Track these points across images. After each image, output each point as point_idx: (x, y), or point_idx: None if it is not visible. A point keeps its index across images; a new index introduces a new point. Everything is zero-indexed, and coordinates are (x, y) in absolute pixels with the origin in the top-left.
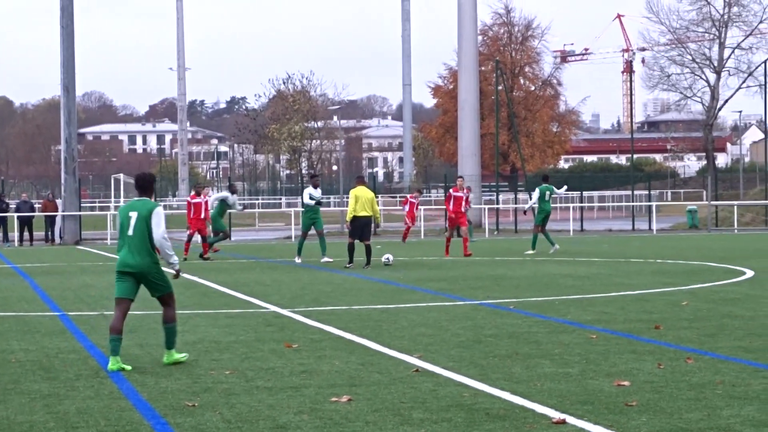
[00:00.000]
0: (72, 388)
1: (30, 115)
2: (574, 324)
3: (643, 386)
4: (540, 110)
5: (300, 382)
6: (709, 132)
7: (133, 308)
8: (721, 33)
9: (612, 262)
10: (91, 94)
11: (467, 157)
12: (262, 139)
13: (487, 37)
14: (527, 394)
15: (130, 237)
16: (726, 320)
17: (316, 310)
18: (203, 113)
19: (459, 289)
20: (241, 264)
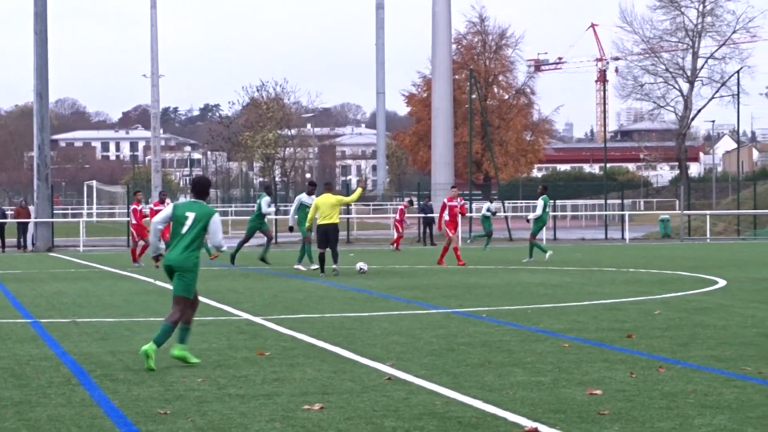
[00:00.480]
0: (44, 396)
1: (2, 122)
2: (546, 333)
3: (616, 395)
4: (513, 119)
5: (272, 389)
6: (682, 141)
7: (105, 316)
8: (694, 43)
9: (585, 271)
10: (65, 101)
11: (441, 165)
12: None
13: (461, 46)
14: (499, 402)
15: (182, 235)
16: (698, 329)
17: (288, 317)
18: (177, 120)
19: (432, 297)
20: (214, 271)
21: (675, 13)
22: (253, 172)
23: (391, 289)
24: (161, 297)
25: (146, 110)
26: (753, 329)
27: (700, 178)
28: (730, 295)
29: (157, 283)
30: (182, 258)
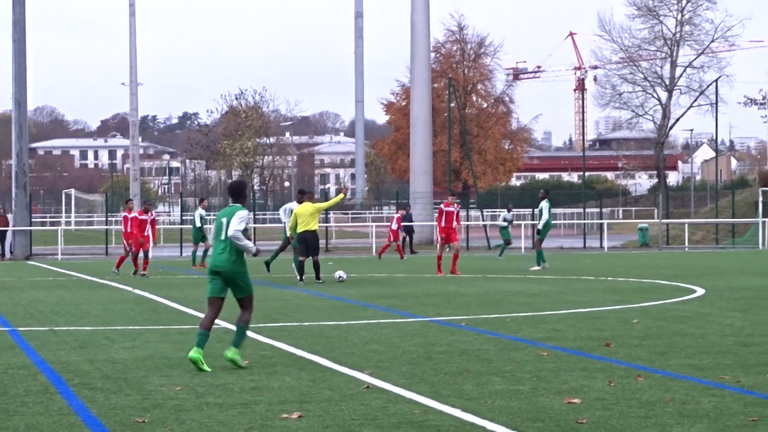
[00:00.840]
0: (21, 404)
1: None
2: (525, 341)
3: (594, 404)
4: (492, 127)
5: (250, 398)
6: (661, 150)
7: (83, 324)
8: (672, 52)
9: (563, 280)
10: (43, 109)
11: (419, 174)
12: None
13: (440, 54)
14: (478, 411)
15: (222, 240)
16: (676, 338)
17: (266, 326)
18: (155, 129)
19: (410, 306)
20: (192, 280)
21: (653, 21)
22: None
23: (369, 298)
24: (138, 306)
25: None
26: (731, 338)
27: (678, 186)
28: (708, 303)
29: (135, 292)
30: (231, 266)
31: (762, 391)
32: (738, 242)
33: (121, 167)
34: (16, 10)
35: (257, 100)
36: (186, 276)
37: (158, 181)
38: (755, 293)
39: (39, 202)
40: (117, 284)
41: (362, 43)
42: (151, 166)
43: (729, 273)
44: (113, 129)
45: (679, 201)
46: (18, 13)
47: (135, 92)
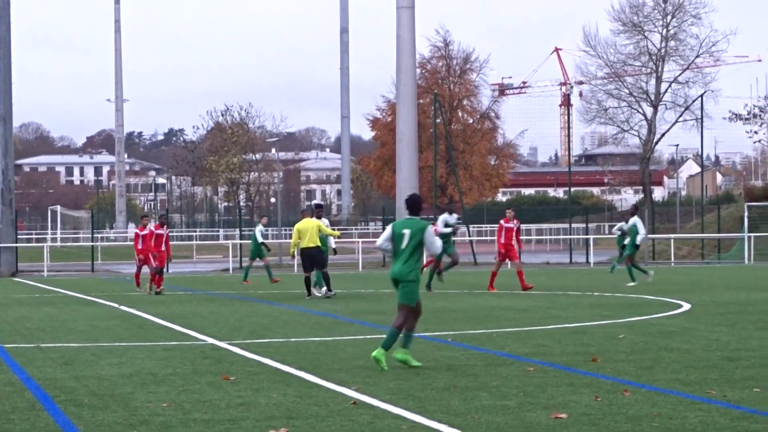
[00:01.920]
0: (7, 421)
1: None
2: (511, 356)
3: (581, 419)
4: (478, 143)
5: (237, 414)
6: (646, 165)
7: (69, 341)
8: (658, 67)
9: (550, 295)
10: (29, 125)
11: (405, 189)
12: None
13: (426, 70)
14: (465, 426)
15: (402, 250)
16: (663, 353)
17: (253, 342)
18: (141, 145)
19: None
20: (179, 296)
21: (638, 37)
22: (217, 197)
23: (356, 314)
24: (125, 322)
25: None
26: (717, 353)
27: (664, 202)
28: (694, 318)
29: (122, 308)
30: (404, 270)
31: (748, 406)
32: (724, 257)
33: (107, 184)
34: (1, 27)
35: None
36: (171, 292)
37: (144, 198)
38: (741, 308)
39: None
40: (103, 301)
41: (348, 59)
42: (137, 182)
43: (715, 288)
44: (99, 145)
45: (664, 216)
46: (3, 30)
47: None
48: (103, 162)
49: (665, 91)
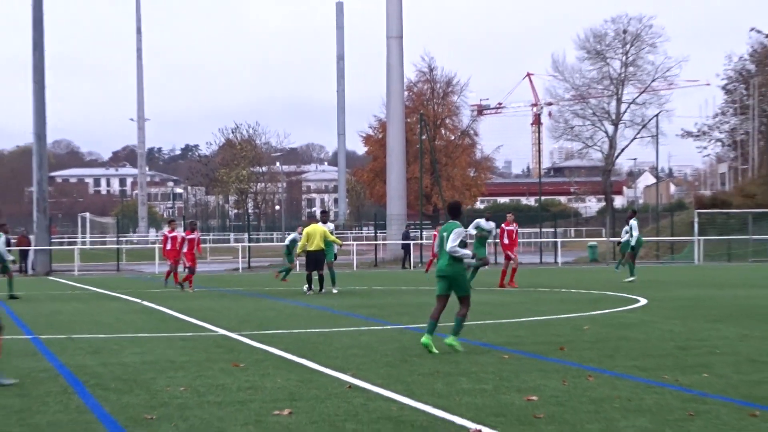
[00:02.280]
0: (43, 404)
1: (5, 160)
2: (488, 346)
3: (550, 400)
4: (459, 157)
5: (246, 397)
6: (608, 177)
7: (97, 332)
8: (618, 90)
9: (522, 292)
10: (61, 142)
11: (395, 198)
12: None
13: (413, 93)
14: (448, 407)
15: (445, 250)
16: (622, 342)
17: (260, 333)
18: (160, 159)
19: (387, 315)
20: (194, 293)
21: (601, 63)
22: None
23: (351, 308)
24: (146, 316)
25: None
26: (671, 342)
27: (623, 209)
28: (650, 312)
29: (144, 304)
30: (453, 271)
31: (698, 389)
32: (676, 258)
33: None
34: (35, 55)
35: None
36: (187, 290)
37: (163, 206)
38: (692, 303)
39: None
40: (127, 297)
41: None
42: (157, 192)
43: (669, 285)
44: (123, 159)
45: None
46: (37, 58)
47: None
48: (127, 174)
49: (624, 111)
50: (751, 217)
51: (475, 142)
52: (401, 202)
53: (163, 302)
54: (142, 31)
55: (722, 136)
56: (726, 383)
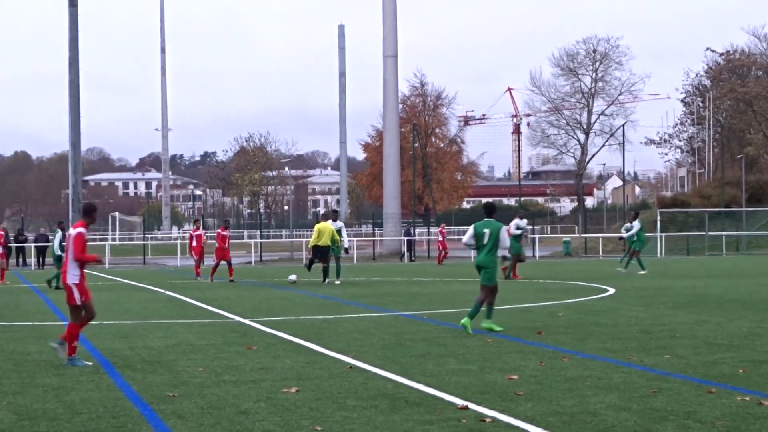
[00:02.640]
0: (77, 382)
1: (44, 166)
2: (474, 330)
3: (529, 379)
4: (447, 162)
5: (258, 376)
6: (580, 180)
7: (125, 319)
8: (589, 102)
9: (504, 282)
10: (93, 149)
11: (390, 199)
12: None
13: (406, 105)
14: (437, 385)
15: (483, 244)
16: (593, 327)
17: (271, 319)
18: (182, 165)
19: (384, 303)
20: (212, 283)
21: (573, 79)
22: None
23: (352, 297)
24: (169, 304)
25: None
26: (636, 327)
27: (594, 208)
28: (618, 300)
29: (167, 293)
30: (486, 260)
31: (661, 369)
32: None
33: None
34: (71, 72)
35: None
36: (205, 281)
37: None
38: (655, 292)
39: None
40: (152, 287)
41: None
42: (179, 194)
43: (634, 276)
44: (149, 165)
45: (594, 220)
46: (73, 74)
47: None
48: (152, 178)
49: (595, 122)
50: (707, 215)
51: (462, 149)
52: (396, 202)
53: (184, 292)
54: (166, 50)
55: (681, 144)
56: (686, 363)
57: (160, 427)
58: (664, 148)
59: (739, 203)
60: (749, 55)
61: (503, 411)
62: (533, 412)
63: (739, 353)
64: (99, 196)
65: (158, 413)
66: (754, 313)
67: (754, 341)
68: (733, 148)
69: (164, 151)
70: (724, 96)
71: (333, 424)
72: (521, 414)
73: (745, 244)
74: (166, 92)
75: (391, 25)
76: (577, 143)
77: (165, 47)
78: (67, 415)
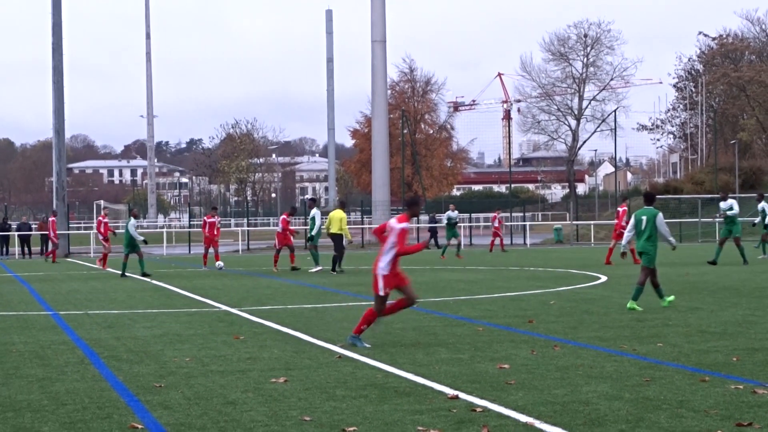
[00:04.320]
0: (62, 373)
1: (28, 154)
2: (464, 319)
3: (520, 368)
4: (437, 149)
5: (246, 366)
6: (571, 166)
7: (111, 308)
8: (580, 88)
9: (494, 270)
10: (78, 136)
11: (379, 186)
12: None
13: (395, 91)
14: (428, 375)
15: (642, 230)
16: (585, 316)
17: (258, 308)
18: (168, 152)
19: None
20: (198, 272)
21: (564, 64)
22: (229, 193)
23: (340, 286)
24: (156, 293)
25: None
26: (628, 315)
27: (585, 195)
28: (610, 288)
29: (153, 282)
30: (646, 245)
31: (653, 357)
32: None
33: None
34: (55, 57)
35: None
36: (193, 269)
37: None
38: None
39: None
40: (138, 276)
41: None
42: (165, 181)
43: (626, 264)
44: (134, 152)
45: (586, 207)
46: (57, 60)
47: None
48: (138, 165)
49: (586, 107)
50: (700, 202)
51: (451, 136)
52: (385, 189)
53: (169, 281)
54: (150, 36)
55: (674, 130)
56: (678, 352)
57: (146, 418)
58: (656, 133)
59: (732, 189)
60: (742, 40)
61: (494, 400)
62: (524, 401)
63: (733, 341)
64: (83, 183)
65: (145, 404)
66: (748, 301)
67: (747, 329)
68: (726, 133)
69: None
70: (717, 81)
71: (322, 415)
72: (512, 403)
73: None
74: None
75: (380, 9)
76: (568, 129)
77: (150, 33)
78: (52, 407)
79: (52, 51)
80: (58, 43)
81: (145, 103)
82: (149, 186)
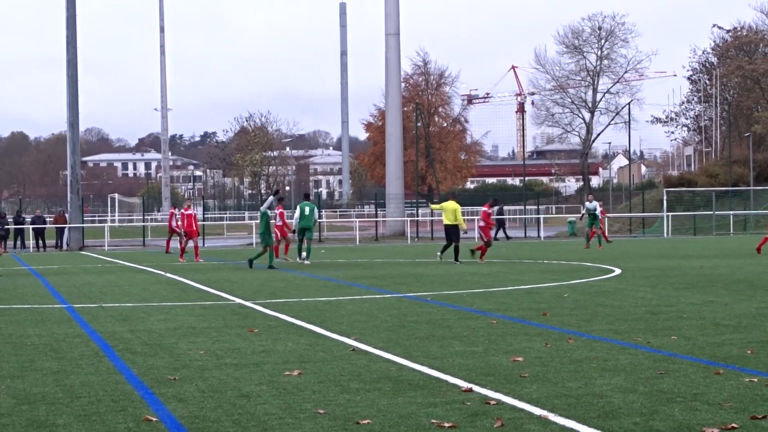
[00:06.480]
0: (77, 366)
1: (42, 147)
2: (478, 312)
3: (534, 361)
4: (451, 142)
5: (260, 359)
6: (585, 159)
7: (125, 301)
8: (594, 81)
9: (509, 263)
10: (92, 130)
11: (393, 179)
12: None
13: (409, 84)
14: (442, 368)
15: None
16: (599, 308)
17: (272, 301)
18: (182, 145)
19: (386, 284)
20: (213, 265)
21: (578, 57)
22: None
23: (354, 279)
24: (170, 286)
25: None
26: (642, 308)
27: (599, 188)
28: (624, 281)
29: (168, 276)
30: None
31: (668, 350)
32: (647, 232)
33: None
34: (69, 51)
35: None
36: (207, 262)
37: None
38: (661, 272)
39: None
40: (152, 269)
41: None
42: (179, 175)
43: (640, 256)
44: (148, 145)
45: (600, 200)
46: (71, 53)
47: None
48: (152, 158)
49: (600, 100)
50: (714, 195)
51: (465, 129)
52: (399, 182)
53: (184, 274)
54: (164, 29)
55: (688, 122)
56: (693, 345)
57: (160, 411)
58: (670, 126)
59: (746, 182)
60: (757, 32)
61: (508, 393)
62: (538, 394)
63: (747, 334)
64: (98, 177)
65: (159, 397)
66: (763, 294)
67: (762, 322)
68: (741, 126)
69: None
70: (731, 73)
71: (336, 407)
72: (526, 396)
73: (753, 224)
74: (166, 72)
75: (394, 2)
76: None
77: (164, 26)
78: (66, 399)
79: (67, 44)
80: (73, 37)
81: (159, 97)
82: (163, 179)
